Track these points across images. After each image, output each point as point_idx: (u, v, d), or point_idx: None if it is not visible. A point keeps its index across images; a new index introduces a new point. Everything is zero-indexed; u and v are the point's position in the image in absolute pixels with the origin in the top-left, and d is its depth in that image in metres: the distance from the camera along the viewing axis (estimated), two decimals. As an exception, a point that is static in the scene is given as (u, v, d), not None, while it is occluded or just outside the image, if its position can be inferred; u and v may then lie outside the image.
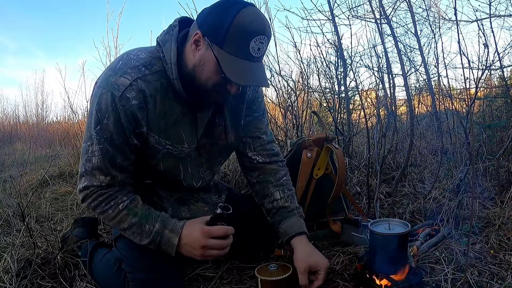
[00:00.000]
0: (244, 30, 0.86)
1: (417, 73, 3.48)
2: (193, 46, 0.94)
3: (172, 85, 0.99)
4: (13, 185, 2.49)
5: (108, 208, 1.01)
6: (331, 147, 1.40)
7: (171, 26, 1.01)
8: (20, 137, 7.56)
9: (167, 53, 0.97)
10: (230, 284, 1.18)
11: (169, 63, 0.96)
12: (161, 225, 1.01)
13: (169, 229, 1.01)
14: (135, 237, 1.02)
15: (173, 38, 0.97)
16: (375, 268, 1.03)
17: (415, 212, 1.63)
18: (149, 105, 0.98)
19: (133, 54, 1.01)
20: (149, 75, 0.97)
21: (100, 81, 0.99)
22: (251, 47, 0.88)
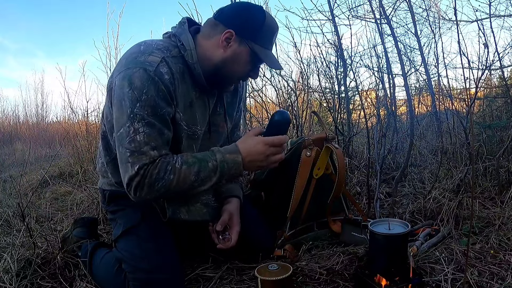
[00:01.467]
0: (271, 27, 1.10)
1: (417, 73, 3.48)
2: (222, 43, 1.07)
3: (188, 70, 1.09)
4: (13, 185, 2.49)
5: (169, 174, 1.00)
6: (331, 147, 1.39)
7: (181, 22, 1.14)
8: (20, 137, 7.56)
9: (185, 41, 1.08)
10: (230, 284, 1.18)
11: (188, 49, 1.08)
12: (220, 155, 1.05)
13: (228, 152, 1.06)
14: (206, 182, 1.04)
15: (186, 31, 1.10)
16: (375, 268, 1.03)
17: (415, 212, 1.63)
18: (176, 82, 1.05)
19: (150, 41, 1.09)
20: (170, 57, 1.06)
21: (125, 65, 1.01)
22: (273, 40, 1.13)
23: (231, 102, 1.30)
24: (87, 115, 3.72)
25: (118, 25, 3.13)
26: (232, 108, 1.31)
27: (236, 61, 1.09)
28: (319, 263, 1.25)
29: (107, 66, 3.13)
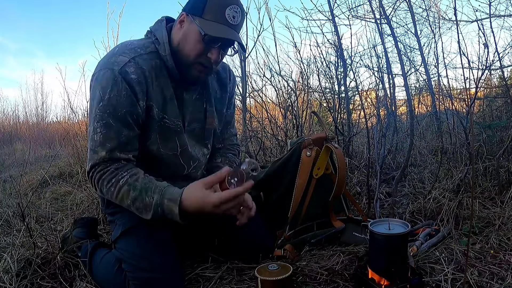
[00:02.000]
0: (219, 1, 1.04)
1: (417, 73, 3.48)
2: (178, 26, 1.09)
3: (164, 64, 1.11)
4: (13, 185, 2.49)
5: (110, 186, 1.02)
6: (330, 147, 1.39)
7: (159, 20, 1.17)
8: (20, 137, 7.57)
9: (159, 36, 1.11)
10: (230, 284, 1.18)
11: (161, 43, 1.10)
12: (159, 195, 1.00)
13: (167, 198, 0.99)
14: (141, 212, 1.02)
15: (163, 27, 1.13)
16: (375, 268, 1.03)
17: (415, 212, 1.63)
18: (148, 79, 1.07)
19: (127, 42, 1.12)
20: (144, 54, 1.08)
21: (99, 66, 1.06)
22: (226, 14, 1.04)
23: (221, 98, 1.31)
24: (87, 115, 3.72)
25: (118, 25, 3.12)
26: (221, 103, 1.31)
27: (187, 40, 1.07)
28: (319, 263, 1.25)
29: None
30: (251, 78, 2.95)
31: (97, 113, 1.02)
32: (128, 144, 1.06)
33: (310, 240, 1.41)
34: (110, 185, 1.02)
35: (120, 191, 1.01)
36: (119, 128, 1.03)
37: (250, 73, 2.93)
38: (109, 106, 1.01)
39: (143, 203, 1.01)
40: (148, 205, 1.00)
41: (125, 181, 1.01)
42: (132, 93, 1.03)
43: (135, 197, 1.01)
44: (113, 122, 1.02)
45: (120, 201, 1.03)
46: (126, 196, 1.01)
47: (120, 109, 1.02)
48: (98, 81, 1.03)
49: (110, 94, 1.01)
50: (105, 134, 1.02)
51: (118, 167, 1.03)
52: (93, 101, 1.05)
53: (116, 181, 1.02)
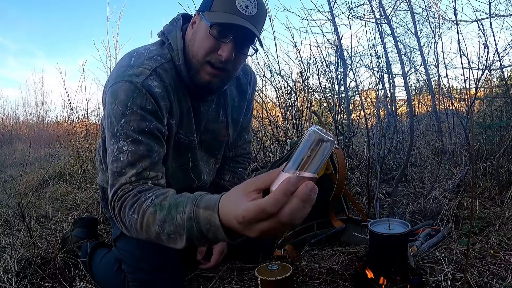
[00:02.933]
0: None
1: (417, 73, 3.48)
2: (190, 28, 0.97)
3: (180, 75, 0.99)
4: (13, 185, 2.49)
5: (132, 213, 0.77)
6: (331, 147, 1.39)
7: (174, 19, 1.04)
8: (20, 137, 7.57)
9: (173, 40, 0.98)
10: (230, 284, 1.18)
11: (175, 49, 0.97)
12: (193, 205, 0.66)
13: (203, 206, 0.64)
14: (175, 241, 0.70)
15: (177, 28, 1.00)
16: (375, 268, 1.03)
17: (415, 212, 1.63)
18: (170, 94, 0.95)
19: (142, 49, 0.99)
20: (165, 63, 0.96)
21: (113, 79, 0.92)
22: (237, 3, 0.88)
23: (238, 106, 1.19)
24: (87, 115, 3.72)
25: (118, 25, 3.13)
26: (239, 112, 1.20)
27: (195, 39, 0.94)
28: (319, 263, 1.25)
29: (107, 66, 3.13)
30: (251, 78, 2.94)
31: (120, 131, 0.86)
32: (159, 161, 0.90)
33: (310, 240, 1.41)
34: (132, 212, 0.77)
35: (144, 215, 0.74)
36: (149, 143, 0.87)
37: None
38: (133, 121, 0.86)
39: (174, 224, 0.68)
40: (180, 224, 0.67)
41: (150, 202, 0.75)
42: (158, 108, 0.90)
43: (163, 219, 0.70)
44: (141, 138, 0.86)
45: (147, 232, 0.74)
46: (153, 220, 0.72)
47: (148, 123, 0.88)
48: (114, 95, 0.88)
49: (133, 108, 0.86)
50: (134, 152, 0.85)
51: (142, 189, 0.81)
52: (111, 119, 0.88)
53: (139, 205, 0.77)
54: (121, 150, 0.85)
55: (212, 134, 1.15)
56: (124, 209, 0.79)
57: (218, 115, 1.13)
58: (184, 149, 1.08)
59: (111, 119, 0.88)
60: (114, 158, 0.86)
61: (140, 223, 0.75)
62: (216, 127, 1.14)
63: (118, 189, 0.83)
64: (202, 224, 0.63)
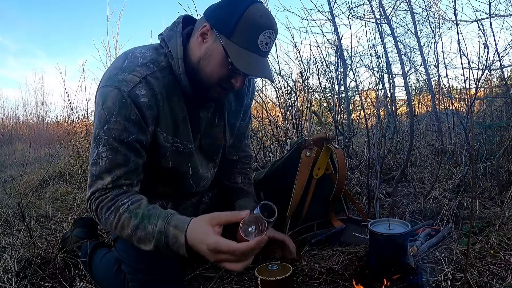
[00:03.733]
0: (254, 23, 0.88)
1: (417, 73, 3.49)
2: (199, 38, 0.93)
3: (178, 81, 0.98)
4: (13, 185, 2.49)
5: (110, 214, 0.90)
6: (331, 147, 1.39)
7: (174, 23, 1.01)
8: (20, 137, 7.57)
9: (173, 48, 0.96)
10: (230, 284, 1.18)
11: (175, 58, 0.95)
12: (164, 222, 0.86)
13: (173, 225, 0.85)
14: (144, 243, 0.89)
15: (178, 34, 0.97)
16: (375, 268, 1.03)
17: (415, 212, 1.63)
18: (159, 103, 0.96)
19: (138, 52, 0.98)
20: (157, 71, 0.95)
21: (105, 80, 0.95)
22: (259, 40, 0.89)
23: (235, 111, 1.19)
24: (87, 115, 3.73)
25: (118, 25, 3.13)
26: (236, 117, 1.20)
27: (209, 60, 0.92)
28: (319, 263, 1.25)
29: (107, 66, 3.13)
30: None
31: (102, 136, 0.91)
32: (136, 170, 0.95)
33: (310, 240, 1.41)
34: (110, 213, 0.90)
35: (120, 219, 0.89)
36: (126, 153, 0.92)
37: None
38: (115, 130, 0.90)
39: (145, 232, 0.87)
40: (150, 233, 0.86)
41: (126, 207, 0.89)
42: (142, 118, 0.93)
43: (136, 226, 0.88)
44: (120, 148, 0.91)
45: (120, 231, 0.91)
46: (127, 224, 0.88)
47: (128, 135, 0.92)
48: (103, 98, 0.91)
49: (117, 118, 0.90)
50: (112, 160, 0.91)
51: (118, 193, 0.92)
52: (97, 120, 0.93)
53: (116, 208, 0.90)
54: (100, 156, 0.92)
55: (210, 138, 1.15)
56: (101, 209, 0.91)
57: (215, 119, 1.14)
58: (184, 158, 1.08)
59: (97, 120, 0.94)
60: (94, 161, 0.93)
61: (116, 223, 0.90)
62: (213, 130, 1.15)
63: (95, 191, 0.92)
64: (169, 239, 0.84)
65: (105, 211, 0.91)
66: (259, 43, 0.89)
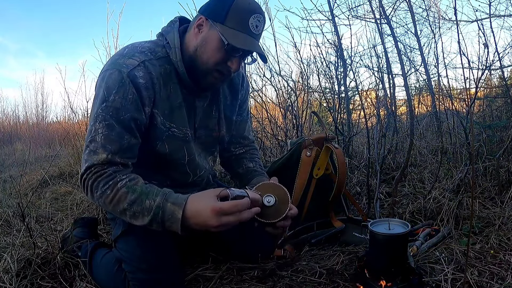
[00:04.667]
0: (244, 7, 0.99)
1: (417, 73, 3.49)
2: (195, 30, 1.03)
3: (175, 70, 1.06)
4: (13, 185, 2.49)
5: (107, 188, 0.93)
6: (330, 147, 1.39)
7: (172, 21, 1.11)
8: (20, 137, 7.57)
9: (170, 40, 1.06)
10: (230, 284, 1.18)
11: (173, 47, 1.05)
12: (162, 198, 0.92)
13: (171, 201, 0.91)
14: (137, 218, 0.93)
15: (175, 30, 1.07)
16: (375, 268, 1.03)
17: (415, 212, 1.63)
18: (156, 86, 1.02)
19: (137, 44, 1.07)
20: (154, 59, 1.03)
21: (107, 66, 1.02)
22: (250, 22, 1.00)
23: (231, 105, 1.25)
24: (87, 115, 3.72)
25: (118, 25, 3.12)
26: (231, 111, 1.26)
27: (206, 47, 1.02)
28: (319, 263, 1.25)
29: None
30: (251, 78, 2.94)
31: (99, 113, 0.96)
32: (128, 150, 0.99)
33: (310, 240, 1.41)
34: (107, 188, 0.93)
35: (117, 193, 0.93)
36: (121, 131, 0.97)
37: (250, 73, 2.93)
38: (112, 108, 0.96)
39: (142, 206, 0.92)
40: (147, 208, 0.91)
41: (124, 183, 0.94)
42: (139, 98, 0.99)
43: (133, 200, 0.92)
44: (116, 124, 0.96)
45: (114, 206, 0.94)
46: (124, 199, 0.92)
47: (124, 113, 0.97)
48: (104, 80, 0.98)
49: (115, 96, 0.96)
50: (107, 136, 0.95)
51: (116, 170, 0.96)
52: (96, 100, 1.00)
53: (114, 183, 0.93)
54: (97, 132, 0.96)
55: (206, 129, 1.19)
56: (99, 184, 0.94)
57: (212, 111, 1.19)
58: (179, 143, 1.11)
59: (96, 100, 1.00)
60: (92, 138, 0.97)
61: (112, 198, 0.93)
62: (210, 122, 1.19)
63: (91, 166, 0.95)
64: (166, 215, 0.90)
65: (102, 185, 0.93)
66: (250, 25, 1.00)
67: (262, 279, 1.16)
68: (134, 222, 0.94)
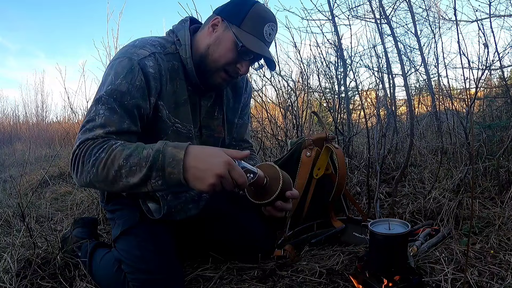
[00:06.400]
0: (260, 15, 1.04)
1: (417, 73, 3.49)
2: (210, 29, 1.06)
3: (182, 67, 1.08)
4: (13, 185, 2.49)
5: (101, 152, 0.86)
6: (331, 147, 1.39)
7: (182, 20, 1.14)
8: (20, 137, 7.57)
9: (181, 37, 1.08)
10: (230, 284, 1.18)
11: (183, 44, 1.07)
12: (162, 144, 0.84)
13: (172, 146, 0.84)
14: (134, 172, 0.83)
15: (186, 28, 1.10)
16: (375, 268, 1.03)
17: (415, 212, 1.63)
18: (163, 79, 1.03)
19: (148, 37, 1.08)
20: (163, 54, 1.05)
21: (117, 55, 1.02)
22: (264, 30, 1.04)
23: (233, 108, 1.26)
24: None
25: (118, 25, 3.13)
26: (234, 114, 1.27)
27: (218, 46, 1.04)
28: (319, 263, 1.25)
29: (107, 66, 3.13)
30: (251, 78, 2.95)
31: (103, 95, 0.93)
32: (127, 134, 0.96)
33: (310, 240, 1.41)
34: (101, 151, 0.86)
35: (112, 152, 0.85)
36: (122, 116, 0.94)
37: (250, 73, 2.93)
38: (117, 91, 0.94)
39: (139, 157, 0.83)
40: (145, 157, 0.82)
41: (119, 144, 0.87)
42: (146, 86, 0.98)
43: (129, 154, 0.84)
44: (118, 109, 0.93)
45: (108, 170, 0.84)
46: (119, 155, 0.84)
47: (129, 98, 0.95)
48: (113, 68, 0.98)
49: (122, 81, 0.95)
50: (108, 118, 0.92)
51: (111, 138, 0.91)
52: (102, 85, 0.97)
53: (108, 146, 0.87)
54: (97, 113, 0.92)
55: (209, 130, 1.20)
56: (92, 151, 0.87)
57: (214, 112, 1.20)
58: (183, 140, 1.10)
59: (102, 85, 0.97)
60: (90, 118, 0.93)
61: (106, 160, 0.84)
62: (213, 123, 1.21)
63: (85, 140, 0.89)
64: (166, 157, 0.81)
65: (96, 151, 0.86)
66: (264, 33, 1.04)
67: (262, 279, 1.16)
68: (131, 181, 0.83)
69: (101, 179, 0.86)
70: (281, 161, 1.52)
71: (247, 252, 1.29)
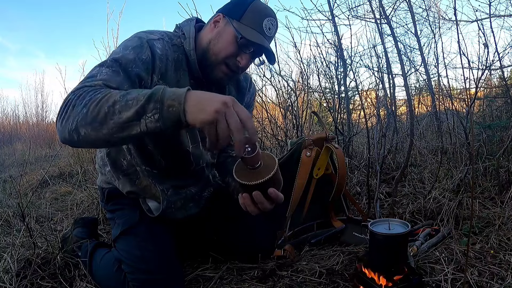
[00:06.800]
0: (260, 10, 1.07)
1: (417, 73, 3.49)
2: (212, 25, 1.10)
3: (186, 60, 1.11)
4: (13, 185, 2.49)
5: (98, 93, 0.79)
6: (331, 147, 1.39)
7: (189, 19, 1.18)
8: (20, 137, 7.57)
9: (186, 31, 1.12)
10: (230, 284, 1.18)
11: (188, 38, 1.11)
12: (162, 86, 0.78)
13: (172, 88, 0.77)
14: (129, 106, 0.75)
15: (191, 24, 1.14)
16: (375, 268, 1.03)
17: (415, 212, 1.63)
18: (168, 64, 1.06)
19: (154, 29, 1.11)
20: (170, 44, 1.09)
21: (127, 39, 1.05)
22: (264, 24, 1.06)
23: None
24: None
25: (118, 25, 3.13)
26: None
27: (219, 40, 1.07)
28: (319, 263, 1.25)
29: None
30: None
31: (109, 60, 0.94)
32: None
33: (310, 240, 1.41)
34: (99, 93, 0.79)
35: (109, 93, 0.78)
36: (124, 79, 0.92)
37: (251, 73, 2.93)
38: (123, 58, 0.95)
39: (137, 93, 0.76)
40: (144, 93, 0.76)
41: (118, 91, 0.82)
42: (152, 62, 1.01)
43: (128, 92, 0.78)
44: (122, 73, 0.92)
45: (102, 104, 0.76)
46: (116, 94, 0.78)
47: (134, 66, 0.95)
48: (123, 43, 1.01)
49: (131, 51, 0.97)
50: (110, 76, 0.89)
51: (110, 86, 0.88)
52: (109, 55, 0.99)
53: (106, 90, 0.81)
54: (100, 72, 0.90)
55: None
56: (88, 93, 0.80)
57: None
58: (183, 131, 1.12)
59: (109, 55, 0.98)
60: (91, 74, 0.89)
61: (100, 99, 0.77)
62: None
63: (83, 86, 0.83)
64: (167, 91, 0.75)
65: (92, 93, 0.80)
66: (263, 26, 1.06)
67: (262, 279, 1.16)
68: (124, 115, 0.74)
69: (89, 120, 0.76)
70: (281, 161, 1.52)
71: (247, 252, 1.29)
